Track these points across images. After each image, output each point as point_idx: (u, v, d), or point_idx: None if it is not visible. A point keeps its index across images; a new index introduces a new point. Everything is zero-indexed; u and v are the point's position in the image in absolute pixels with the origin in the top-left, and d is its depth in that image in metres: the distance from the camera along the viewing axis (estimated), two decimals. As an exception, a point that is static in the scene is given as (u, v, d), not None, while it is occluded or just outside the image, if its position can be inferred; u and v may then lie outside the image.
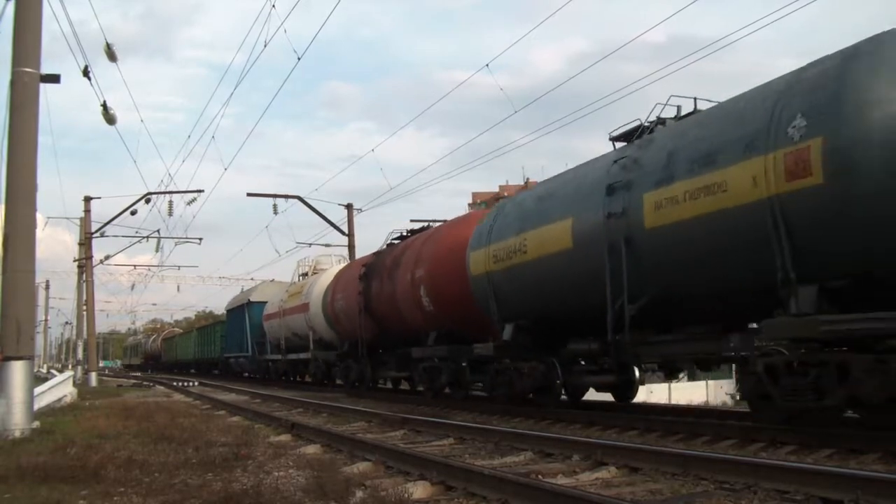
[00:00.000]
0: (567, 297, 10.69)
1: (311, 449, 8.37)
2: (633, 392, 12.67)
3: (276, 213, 29.07)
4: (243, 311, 30.71)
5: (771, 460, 6.28)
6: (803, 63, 7.82)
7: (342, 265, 23.24)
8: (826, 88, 7.13)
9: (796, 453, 7.06)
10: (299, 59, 15.22)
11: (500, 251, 12.09)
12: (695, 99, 9.77)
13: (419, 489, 5.69)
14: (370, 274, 17.75)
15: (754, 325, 8.32)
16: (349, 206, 30.52)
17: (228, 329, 33.80)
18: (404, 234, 18.04)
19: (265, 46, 15.40)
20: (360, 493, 5.38)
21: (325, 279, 22.16)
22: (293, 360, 24.82)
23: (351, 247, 29.83)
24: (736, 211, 7.73)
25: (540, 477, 5.98)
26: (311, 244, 31.92)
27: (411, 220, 28.61)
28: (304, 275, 26.40)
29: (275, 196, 29.38)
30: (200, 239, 35.39)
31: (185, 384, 29.20)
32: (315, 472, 6.40)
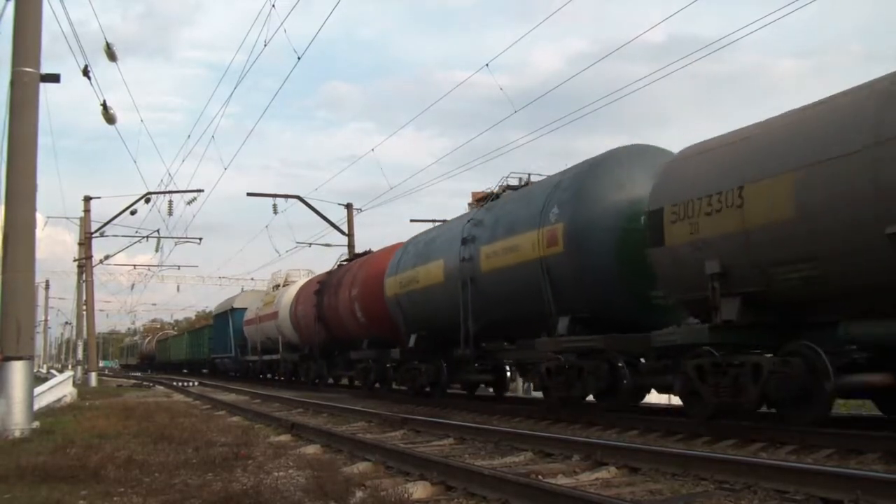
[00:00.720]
0: (444, 317, 14.22)
1: (311, 449, 8.37)
2: (506, 387, 16.16)
3: (275, 212, 29.08)
4: (227, 317, 33.75)
5: (771, 460, 6.28)
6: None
7: (308, 278, 25.81)
8: (570, 188, 11.12)
9: (796, 453, 7.07)
10: (299, 58, 15.26)
11: (404, 279, 15.89)
12: (528, 175, 13.24)
13: (419, 489, 5.69)
14: (322, 290, 21.26)
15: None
16: (349, 206, 30.49)
17: (215, 332, 36.74)
18: (350, 258, 22.70)
19: (265, 46, 15.45)
20: (360, 494, 5.38)
21: (292, 291, 25.10)
22: (267, 361, 28.25)
23: (351, 246, 29.78)
24: (525, 265, 11.58)
25: (540, 477, 5.98)
26: (310, 244, 31.94)
27: (411, 220, 28.86)
28: (277, 286, 28.83)
29: (275, 196, 29.36)
30: (200, 239, 35.41)
31: (185, 384, 29.23)
32: (315, 472, 6.40)
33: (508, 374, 16.15)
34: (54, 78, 11.50)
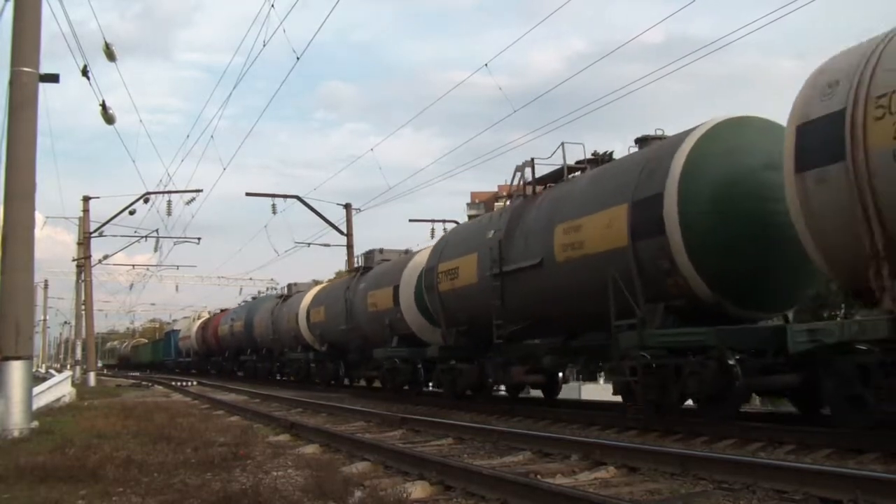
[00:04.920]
0: (236, 343, 34.29)
1: (310, 449, 8.37)
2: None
3: (274, 212, 29.11)
4: (170, 335, 55.45)
5: (769, 460, 6.29)
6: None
7: (204, 318, 45.54)
8: (245, 306, 35.35)
9: (795, 453, 7.07)
10: (298, 58, 15.30)
11: (224, 328, 34.28)
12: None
13: (418, 489, 5.69)
14: (204, 326, 42.00)
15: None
16: (348, 206, 30.43)
17: (165, 343, 56.63)
18: (219, 311, 42.62)
19: (264, 46, 15.46)
20: (358, 493, 5.38)
21: (196, 324, 45.43)
22: (189, 361, 47.56)
23: (350, 246, 29.77)
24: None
25: (539, 477, 5.98)
26: (309, 244, 32.04)
27: (410, 220, 28.96)
28: (195, 319, 48.53)
29: (273, 196, 29.37)
30: (199, 238, 35.39)
31: (184, 384, 29.23)
32: (314, 471, 6.40)
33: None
34: (53, 78, 11.49)
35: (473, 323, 13.51)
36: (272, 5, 14.32)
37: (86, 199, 33.56)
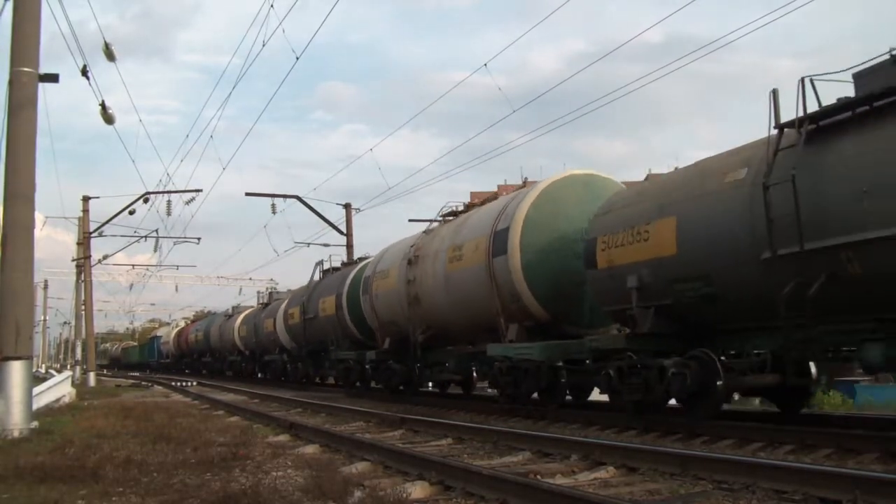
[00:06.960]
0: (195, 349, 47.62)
1: (310, 449, 8.37)
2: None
3: (274, 212, 29.15)
4: (154, 339, 65.61)
5: (769, 460, 6.29)
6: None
7: (182, 326, 55.38)
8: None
9: (794, 453, 7.07)
10: (297, 58, 15.34)
11: (192, 337, 48.32)
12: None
13: (418, 489, 5.69)
14: (180, 334, 51.92)
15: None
16: (347, 206, 30.43)
17: (150, 347, 66.28)
18: (191, 320, 56.23)
19: (263, 46, 15.49)
20: (358, 493, 5.38)
21: (174, 331, 54.79)
22: (168, 362, 55.89)
23: (349, 246, 29.76)
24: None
25: (538, 477, 5.99)
26: (309, 244, 32.00)
27: (409, 220, 29.05)
28: (174, 327, 58.03)
29: (273, 196, 29.39)
30: (199, 238, 35.40)
31: (184, 384, 29.27)
32: (313, 471, 6.40)
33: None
34: (53, 78, 11.49)
35: (301, 343, 24.17)
36: (272, 5, 14.36)
37: (85, 199, 33.55)
